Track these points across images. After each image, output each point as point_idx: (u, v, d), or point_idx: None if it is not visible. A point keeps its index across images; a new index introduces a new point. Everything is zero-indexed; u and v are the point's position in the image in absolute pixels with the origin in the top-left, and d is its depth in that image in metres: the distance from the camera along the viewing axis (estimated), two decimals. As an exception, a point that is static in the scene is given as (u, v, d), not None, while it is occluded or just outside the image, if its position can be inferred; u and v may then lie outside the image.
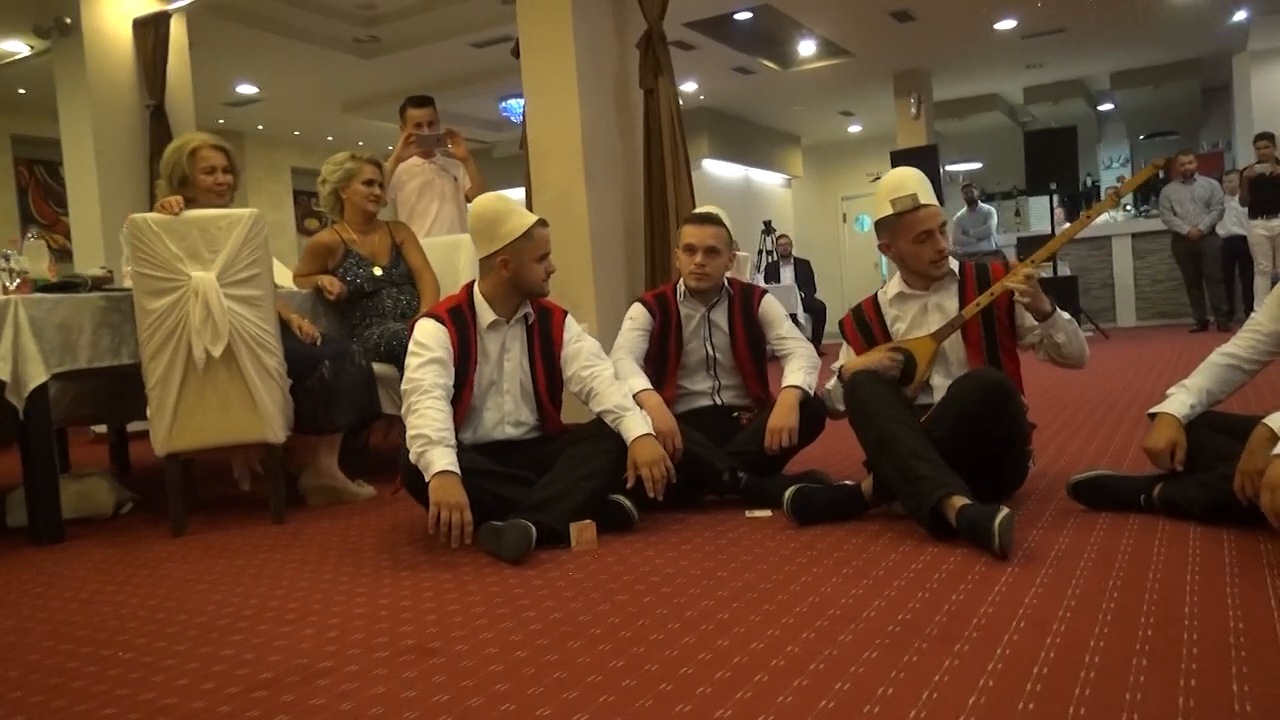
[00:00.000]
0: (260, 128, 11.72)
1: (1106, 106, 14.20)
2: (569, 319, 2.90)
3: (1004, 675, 1.48)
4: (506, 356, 2.79)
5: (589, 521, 2.51)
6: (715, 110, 12.73)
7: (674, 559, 2.33)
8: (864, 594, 1.93)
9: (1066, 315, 2.62)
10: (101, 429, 5.24)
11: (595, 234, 4.83)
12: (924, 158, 9.64)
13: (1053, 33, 9.91)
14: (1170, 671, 1.44)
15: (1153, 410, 2.41)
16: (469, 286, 2.83)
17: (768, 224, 11.71)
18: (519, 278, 2.73)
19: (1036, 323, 2.62)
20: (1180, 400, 2.37)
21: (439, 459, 2.43)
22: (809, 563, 2.20)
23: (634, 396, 2.81)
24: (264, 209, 4.01)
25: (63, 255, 7.15)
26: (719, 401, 3.17)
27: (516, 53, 5.12)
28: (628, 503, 2.66)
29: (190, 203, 3.32)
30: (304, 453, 3.47)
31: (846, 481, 2.71)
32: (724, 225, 3.07)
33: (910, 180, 2.71)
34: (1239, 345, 2.42)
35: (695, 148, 12.75)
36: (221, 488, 3.83)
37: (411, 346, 2.65)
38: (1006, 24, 9.53)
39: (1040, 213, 12.81)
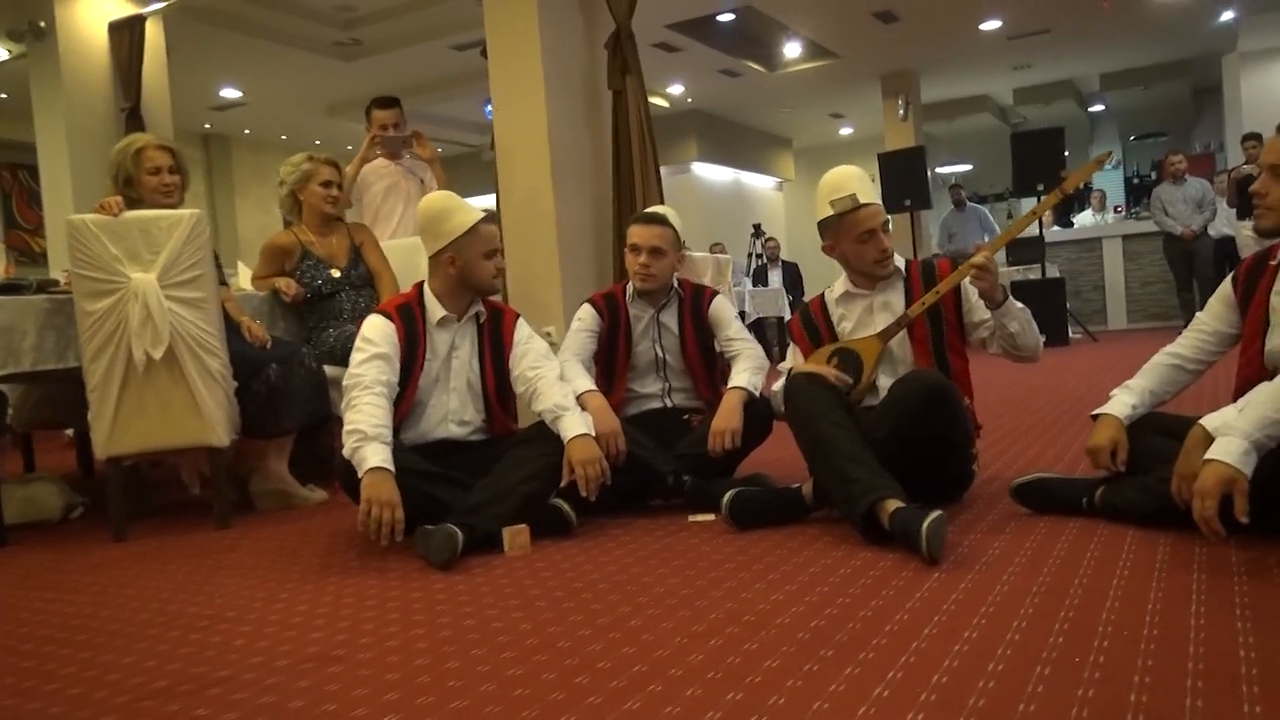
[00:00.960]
0: (247, 132, 11.71)
1: (1097, 108, 14.18)
2: (521, 321, 2.88)
3: (902, 684, 1.43)
4: (455, 354, 2.77)
5: (522, 526, 2.47)
6: (704, 113, 12.71)
7: (604, 564, 2.28)
8: (784, 600, 1.89)
9: (1020, 304, 2.57)
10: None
11: (563, 235, 4.79)
12: (912, 160, 9.61)
13: (1039, 33, 9.88)
14: (1070, 681, 1.39)
15: (1096, 411, 2.36)
16: (420, 284, 2.81)
17: (757, 227, 11.66)
18: (466, 275, 2.71)
19: (986, 315, 2.57)
20: (1122, 401, 2.33)
21: (372, 455, 2.40)
22: (737, 568, 2.15)
23: (578, 398, 2.77)
24: (252, 213, 4.01)
25: (44, 259, 7.13)
26: (669, 404, 3.12)
27: (485, 53, 5.08)
28: (566, 507, 2.61)
29: (137, 204, 3.28)
30: (253, 457, 3.43)
31: (794, 485, 2.66)
32: (670, 226, 3.03)
33: (850, 180, 2.65)
34: (1183, 345, 2.38)
35: (684, 150, 12.74)
36: (176, 492, 3.79)
37: (358, 342, 2.64)
38: (991, 24, 9.51)
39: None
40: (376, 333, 2.65)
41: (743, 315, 9.05)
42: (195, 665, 1.77)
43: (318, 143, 12.06)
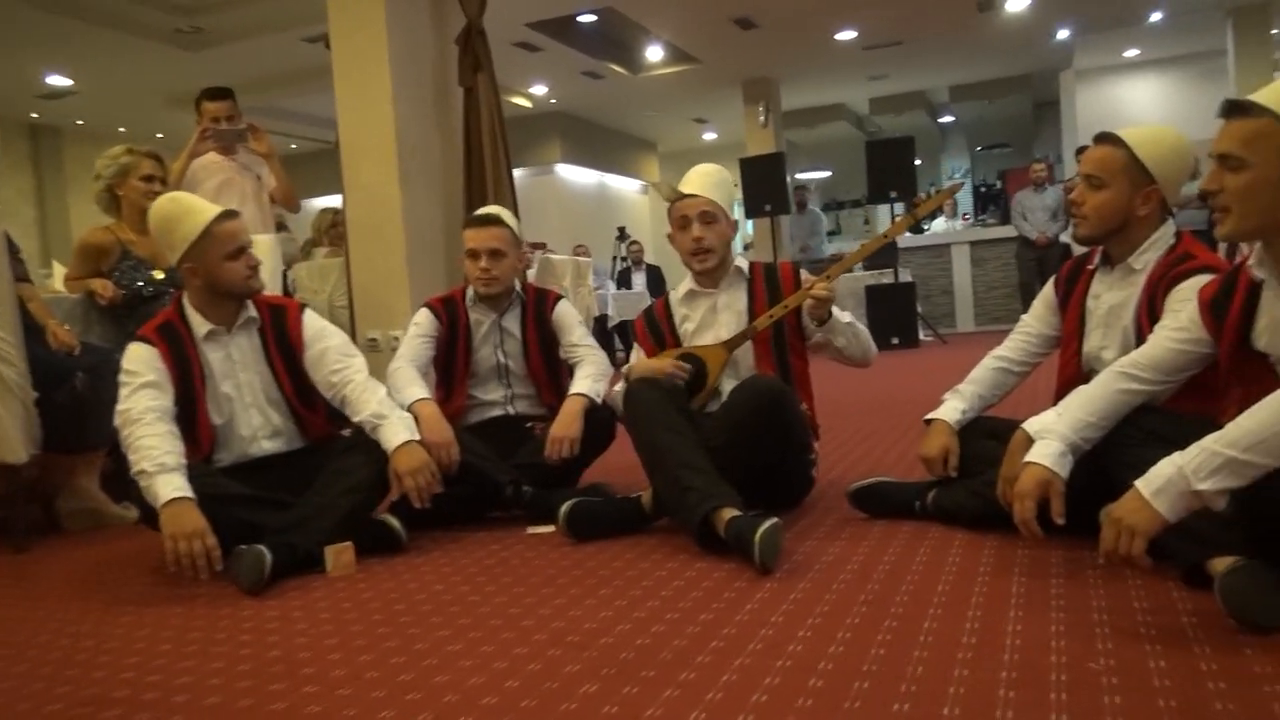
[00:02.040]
0: (80, 122, 10.99)
1: (947, 119, 14.76)
2: (307, 314, 2.67)
3: (720, 706, 1.38)
4: (239, 368, 2.57)
5: (346, 544, 2.32)
6: (567, 114, 12.63)
7: (430, 583, 2.16)
8: (612, 616, 1.82)
9: (847, 318, 2.58)
10: None
11: (411, 237, 4.63)
12: (772, 165, 9.75)
13: (892, 45, 10.19)
14: (886, 695, 1.37)
15: (928, 416, 2.39)
16: (179, 297, 2.59)
17: (622, 230, 11.65)
18: (213, 281, 2.48)
19: (816, 327, 2.58)
20: (952, 406, 2.36)
21: (164, 487, 2.19)
22: (570, 584, 2.07)
23: (410, 407, 2.64)
24: (87, 209, 3.67)
25: None
26: (512, 411, 3.02)
27: (329, 43, 4.86)
28: (395, 522, 2.48)
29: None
30: (60, 473, 3.15)
31: (634, 494, 2.60)
32: (507, 225, 2.93)
33: (696, 174, 2.67)
34: (1009, 348, 2.43)
35: (547, 151, 12.64)
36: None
37: (120, 377, 2.40)
38: (847, 35, 9.75)
39: (887, 221, 13.18)
40: (137, 361, 2.40)
41: (606, 318, 9.05)
42: (-50, 715, 1.58)
43: (160, 135, 11.41)
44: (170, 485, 2.19)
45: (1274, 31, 9.98)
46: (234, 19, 7.98)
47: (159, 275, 3.57)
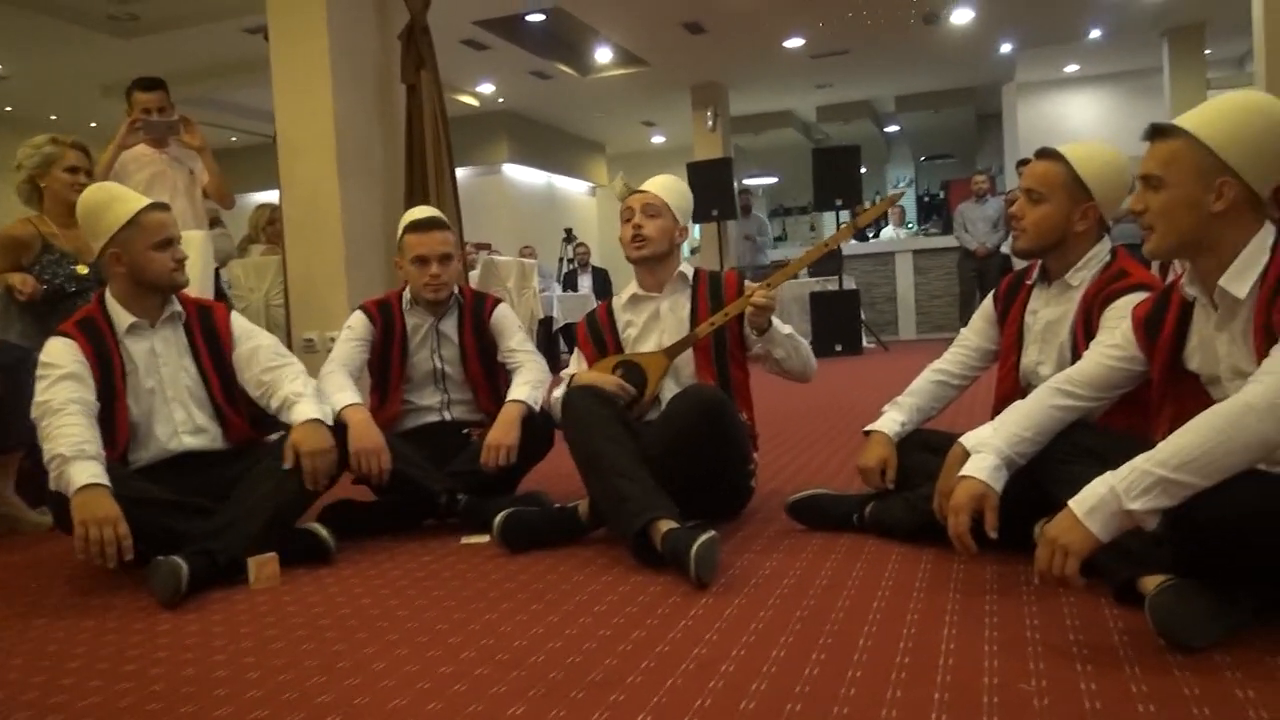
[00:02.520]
0: (9, 109, 10.63)
1: (892, 128, 14.94)
2: (236, 317, 2.64)
3: (649, 730, 1.34)
4: (162, 361, 2.50)
5: (270, 555, 2.25)
6: (515, 114, 12.54)
7: (358, 596, 2.10)
8: (543, 633, 1.77)
9: (787, 330, 2.57)
10: None
11: (350, 235, 4.54)
12: (719, 170, 9.76)
13: (838, 54, 10.27)
14: (820, 715, 1.34)
15: (867, 428, 2.38)
16: (100, 293, 2.53)
17: (569, 231, 11.59)
18: (137, 270, 2.43)
19: (756, 337, 2.57)
20: (892, 418, 2.36)
21: (79, 474, 2.11)
22: (501, 597, 2.02)
23: (339, 413, 2.57)
24: (15, 200, 3.52)
25: None
26: (449, 417, 2.95)
27: (268, 35, 4.75)
28: (323, 531, 2.41)
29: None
30: (-28, 477, 3.02)
31: (571, 504, 2.55)
32: (449, 227, 2.87)
33: (652, 179, 2.72)
34: (948, 361, 2.44)
35: (494, 151, 12.53)
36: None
37: (38, 371, 2.32)
38: (795, 42, 9.80)
39: (833, 228, 13.30)
40: (57, 355, 2.34)
41: (551, 320, 8.98)
42: None
43: (93, 125, 11.08)
44: (86, 471, 2.12)
45: (1208, 52, 10.26)
46: (171, 6, 7.77)
47: (83, 270, 3.44)
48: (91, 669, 1.73)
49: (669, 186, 2.70)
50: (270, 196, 6.54)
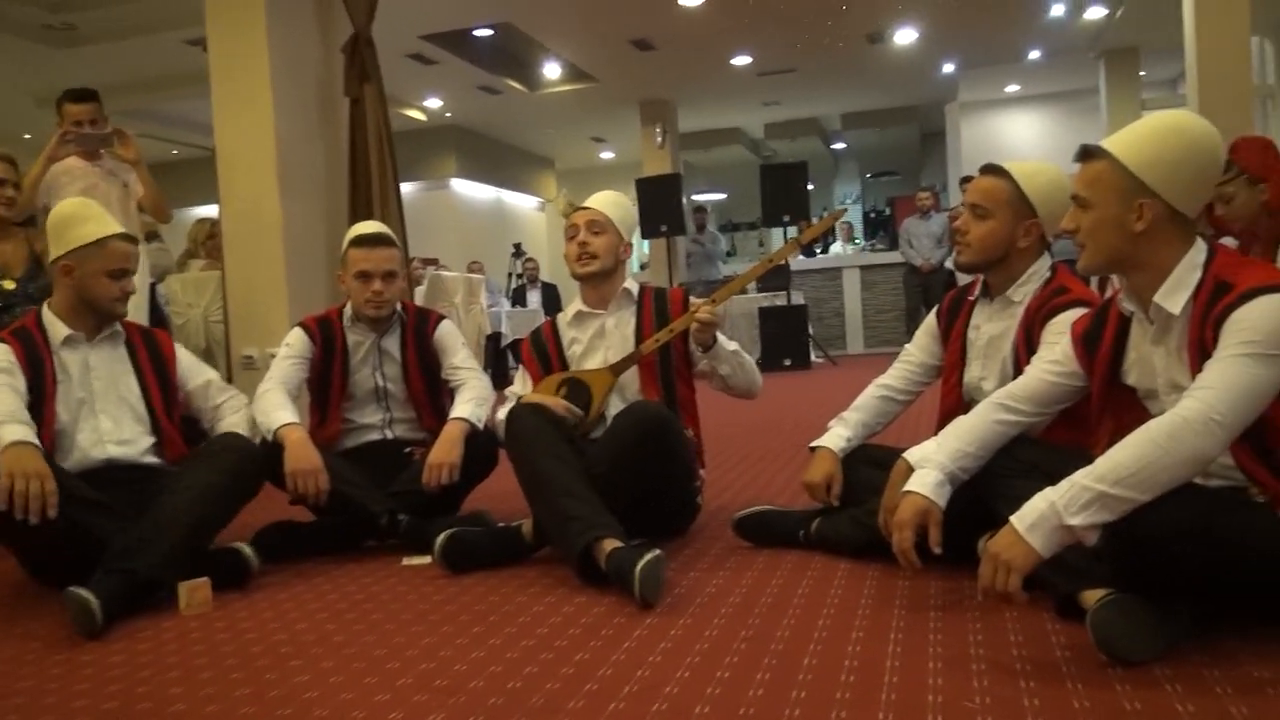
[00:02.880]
0: (-62, 120, 10.32)
1: (839, 145, 15.11)
2: (180, 349, 2.65)
3: (590, 757, 1.31)
4: (94, 375, 2.48)
5: (203, 580, 2.17)
6: (463, 128, 12.46)
7: (293, 621, 2.04)
8: (484, 657, 1.73)
9: (732, 346, 2.56)
10: None
11: (291, 251, 4.45)
12: (668, 186, 9.78)
13: (785, 72, 10.37)
14: (763, 741, 1.32)
15: (813, 444, 2.37)
16: (36, 311, 2.53)
17: (518, 246, 11.52)
18: (83, 289, 2.44)
19: (701, 353, 2.55)
20: (837, 434, 2.35)
21: (10, 433, 2.14)
22: (442, 620, 1.97)
23: (276, 432, 2.51)
24: None
25: None
26: (390, 435, 2.90)
27: (206, 46, 4.65)
28: (247, 549, 2.34)
29: None
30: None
31: (514, 524, 2.51)
32: (395, 244, 2.83)
33: (595, 195, 2.73)
34: (893, 376, 2.44)
35: (442, 166, 12.44)
36: None
37: None
38: (742, 60, 9.88)
39: (781, 244, 13.39)
40: None
41: (500, 336, 8.91)
42: None
43: (27, 136, 10.79)
44: (17, 431, 2.15)
45: (1142, 73, 10.53)
46: (109, 17, 7.59)
47: (9, 285, 3.33)
48: (8, 704, 1.66)
49: (612, 202, 2.69)
50: (211, 211, 6.40)
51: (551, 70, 10.08)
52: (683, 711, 1.44)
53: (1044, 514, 1.50)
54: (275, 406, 2.61)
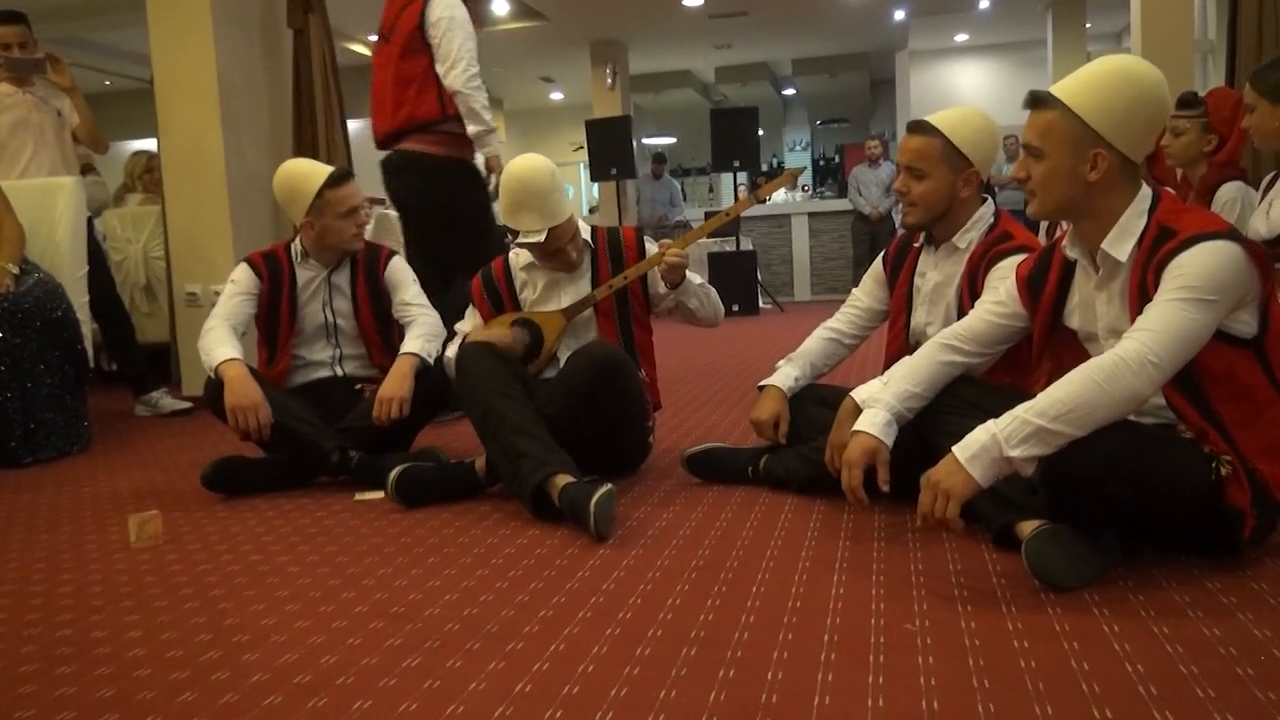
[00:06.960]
0: None
1: (790, 91, 15.06)
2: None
3: (546, 676, 1.35)
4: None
5: (153, 513, 2.17)
6: (410, 65, 12.15)
7: (247, 553, 2.04)
8: (439, 587, 1.76)
9: (699, 280, 2.59)
10: None
11: (234, 185, 4.35)
12: (618, 129, 9.70)
13: (737, 15, 10.27)
14: (713, 662, 1.37)
15: (762, 383, 2.42)
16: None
17: (465, 186, 11.35)
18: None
19: (669, 291, 2.57)
20: (785, 373, 2.40)
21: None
22: (397, 552, 1.99)
23: (216, 368, 2.50)
24: None
25: None
26: (340, 372, 2.89)
27: (141, -28, 4.48)
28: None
29: None
30: None
31: (468, 460, 2.52)
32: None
33: (516, 206, 2.51)
34: (840, 320, 2.49)
35: (388, 103, 12.11)
36: None
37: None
38: (694, 1, 9.76)
39: (731, 189, 13.37)
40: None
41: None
42: None
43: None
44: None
45: (1088, 25, 10.62)
46: (36, -62, 7.25)
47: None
48: (-43, 633, 1.65)
49: (546, 209, 2.51)
50: (147, 144, 6.21)
51: (499, 6, 9.85)
52: (636, 635, 1.48)
53: (985, 445, 1.56)
54: (217, 343, 2.59)
